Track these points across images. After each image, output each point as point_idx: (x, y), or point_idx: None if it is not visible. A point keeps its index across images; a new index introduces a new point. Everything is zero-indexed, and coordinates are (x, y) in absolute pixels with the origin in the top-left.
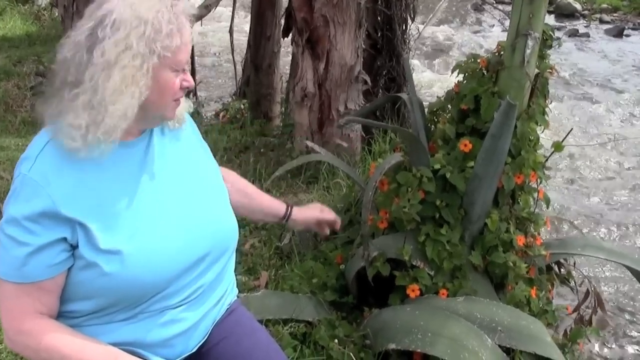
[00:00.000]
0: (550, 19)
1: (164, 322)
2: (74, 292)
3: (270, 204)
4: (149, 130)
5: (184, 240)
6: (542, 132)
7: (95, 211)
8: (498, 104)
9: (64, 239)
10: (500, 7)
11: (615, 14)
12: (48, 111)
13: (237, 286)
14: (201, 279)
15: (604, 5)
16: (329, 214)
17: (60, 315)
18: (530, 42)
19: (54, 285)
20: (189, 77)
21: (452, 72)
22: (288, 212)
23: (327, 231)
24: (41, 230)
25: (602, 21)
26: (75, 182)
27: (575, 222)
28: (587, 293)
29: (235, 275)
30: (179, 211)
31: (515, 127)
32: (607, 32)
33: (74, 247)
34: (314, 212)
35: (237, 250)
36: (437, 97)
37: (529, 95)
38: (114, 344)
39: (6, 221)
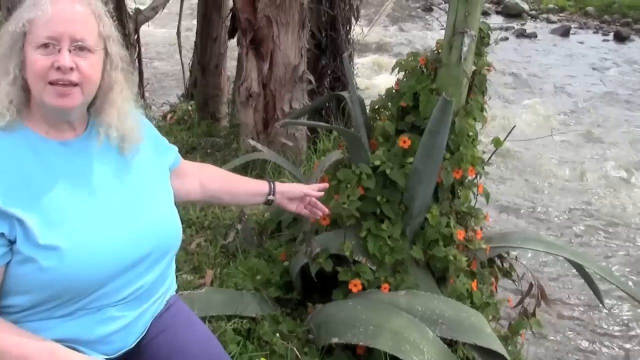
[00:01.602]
0: (498, 19)
1: (103, 319)
2: (11, 286)
3: (254, 185)
4: (92, 129)
5: (124, 240)
6: (482, 128)
7: (34, 206)
8: (436, 100)
9: (2, 235)
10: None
11: (561, 14)
12: None
13: (182, 285)
14: (142, 279)
15: (551, 6)
16: (314, 190)
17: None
18: (466, 40)
19: None
20: (61, 57)
21: (392, 70)
22: (272, 188)
23: (318, 213)
24: None
25: (549, 21)
26: (14, 177)
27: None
28: (531, 286)
29: (181, 274)
30: (120, 211)
31: (454, 123)
32: (553, 31)
33: (11, 243)
34: (299, 186)
35: (183, 249)
36: (379, 95)
37: (467, 92)
38: (53, 341)
39: None
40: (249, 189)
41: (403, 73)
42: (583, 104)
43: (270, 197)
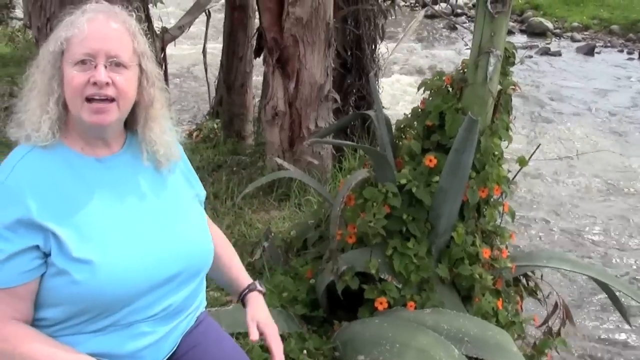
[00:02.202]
0: (522, 38)
1: (134, 334)
2: (44, 298)
3: (239, 277)
4: (128, 148)
5: (155, 258)
6: (507, 147)
7: (69, 220)
8: (462, 120)
9: (37, 247)
10: (472, 26)
11: (586, 33)
12: None
13: (209, 302)
14: (172, 297)
15: (575, 24)
16: (271, 336)
17: (32, 324)
18: (492, 60)
19: (27, 291)
20: (98, 72)
21: (418, 90)
22: (250, 291)
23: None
24: (15, 237)
25: (573, 39)
26: (51, 192)
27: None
28: (556, 305)
29: (208, 291)
30: (153, 229)
31: (479, 142)
32: (578, 50)
33: (46, 255)
34: (268, 326)
35: None
36: (405, 114)
37: (493, 111)
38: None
39: None
40: (234, 275)
41: (429, 92)
42: (608, 122)
43: (244, 299)
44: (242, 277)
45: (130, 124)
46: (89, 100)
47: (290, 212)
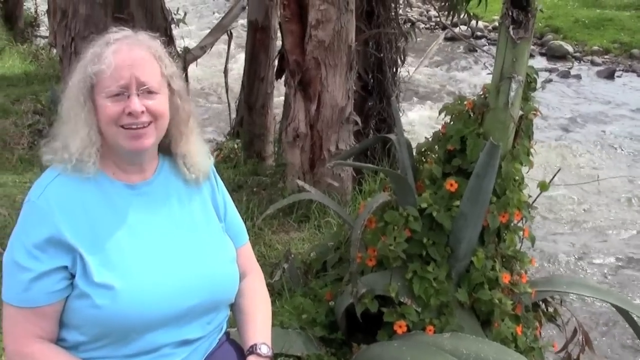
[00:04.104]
0: (542, 61)
1: (155, 356)
2: (66, 318)
3: (255, 331)
4: (159, 174)
5: (176, 288)
6: (528, 172)
7: (94, 245)
8: (483, 144)
9: (65, 268)
10: (492, 48)
11: (606, 56)
12: None
13: (229, 322)
14: (192, 325)
15: (596, 48)
16: None
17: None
18: (514, 85)
19: (53, 311)
20: (132, 103)
21: (439, 114)
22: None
23: None
24: (45, 257)
25: (593, 63)
26: (79, 214)
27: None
28: (575, 331)
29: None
30: (178, 258)
31: (500, 167)
32: (598, 74)
33: (73, 276)
34: None
35: None
36: (426, 138)
37: (514, 136)
38: None
39: (13, 246)
40: (248, 331)
41: (450, 116)
42: (628, 147)
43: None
44: (253, 334)
45: (163, 145)
46: (124, 127)
47: (309, 233)
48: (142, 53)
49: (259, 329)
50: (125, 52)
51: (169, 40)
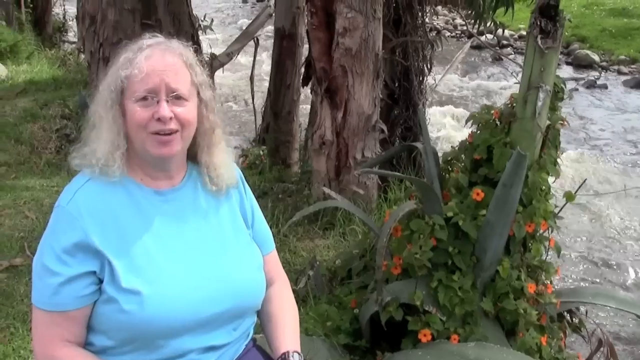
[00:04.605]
0: (568, 70)
1: None
2: (93, 322)
3: (284, 339)
4: (187, 181)
5: (203, 295)
6: (554, 181)
7: (122, 250)
8: (510, 154)
9: (93, 272)
10: (518, 57)
11: (633, 66)
12: None
13: (255, 328)
14: (219, 331)
15: (622, 57)
16: None
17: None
18: (541, 95)
19: (82, 315)
20: (161, 108)
21: (466, 123)
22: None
23: None
24: (73, 262)
25: (620, 72)
26: (108, 220)
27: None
28: (600, 342)
29: None
30: (205, 265)
31: (527, 176)
32: (625, 83)
33: (101, 281)
34: None
35: None
36: (452, 146)
37: (541, 146)
38: None
39: (42, 250)
40: (277, 338)
41: (476, 125)
42: None
43: None
44: (282, 341)
45: (191, 152)
46: (152, 133)
47: (334, 241)
48: (174, 60)
49: (289, 337)
50: (157, 57)
51: (196, 47)
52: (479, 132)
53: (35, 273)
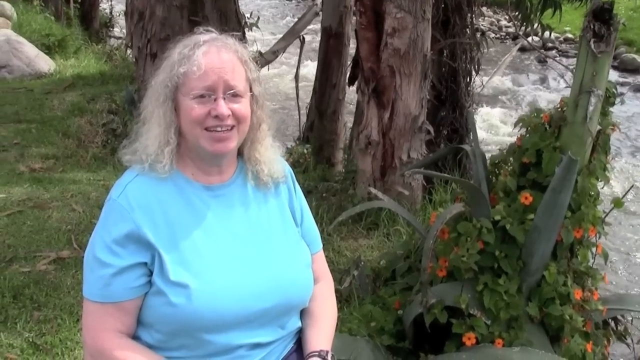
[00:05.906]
0: (614, 74)
1: (230, 358)
2: (141, 315)
3: (318, 339)
4: (237, 177)
5: (251, 290)
6: (602, 187)
7: (171, 243)
8: (559, 158)
9: (144, 264)
10: (564, 60)
11: None
12: None
13: None
14: (267, 327)
15: None
16: None
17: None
18: (593, 99)
19: (133, 306)
20: (219, 106)
21: (515, 126)
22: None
23: None
24: (125, 253)
25: None
26: (157, 213)
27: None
28: None
29: None
30: (252, 261)
31: (576, 182)
32: None
33: (151, 273)
34: None
35: None
36: (499, 149)
37: (591, 151)
38: None
39: (94, 243)
40: (315, 334)
41: (525, 129)
42: None
43: None
44: (315, 341)
45: (241, 148)
46: (208, 129)
47: (378, 241)
48: (230, 56)
49: (325, 336)
50: (214, 54)
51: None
52: (527, 135)
53: (86, 266)
